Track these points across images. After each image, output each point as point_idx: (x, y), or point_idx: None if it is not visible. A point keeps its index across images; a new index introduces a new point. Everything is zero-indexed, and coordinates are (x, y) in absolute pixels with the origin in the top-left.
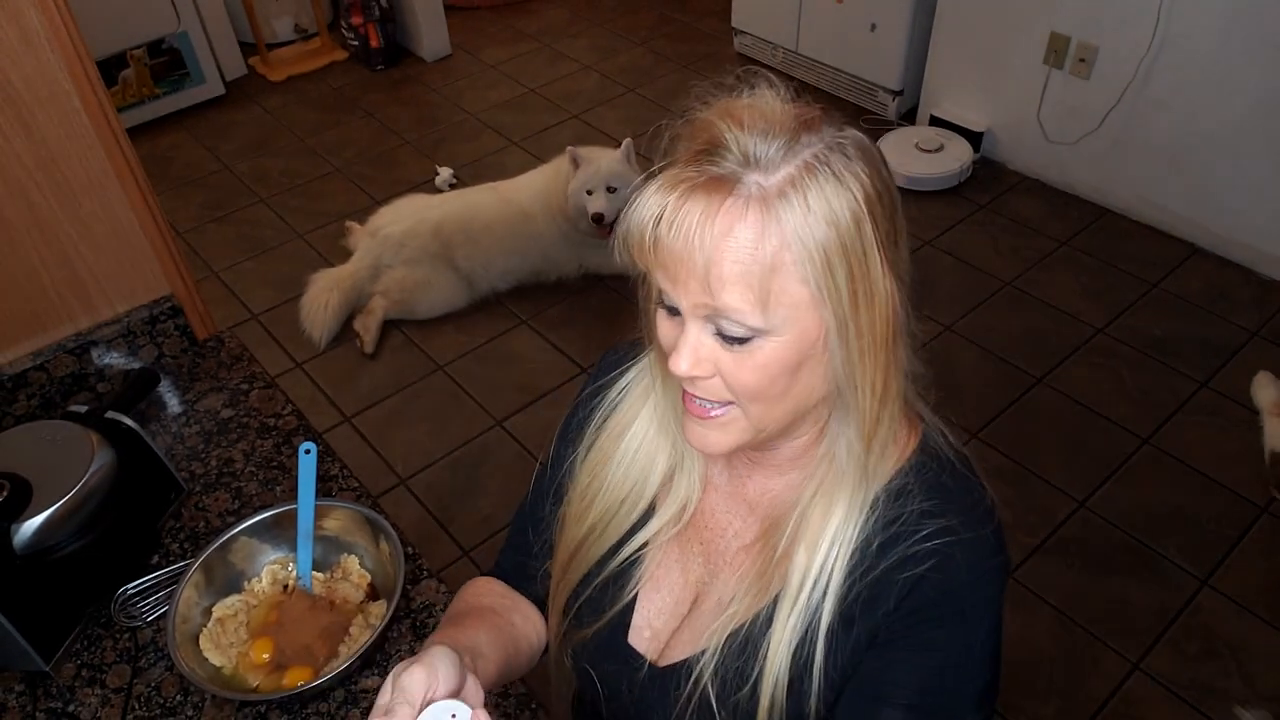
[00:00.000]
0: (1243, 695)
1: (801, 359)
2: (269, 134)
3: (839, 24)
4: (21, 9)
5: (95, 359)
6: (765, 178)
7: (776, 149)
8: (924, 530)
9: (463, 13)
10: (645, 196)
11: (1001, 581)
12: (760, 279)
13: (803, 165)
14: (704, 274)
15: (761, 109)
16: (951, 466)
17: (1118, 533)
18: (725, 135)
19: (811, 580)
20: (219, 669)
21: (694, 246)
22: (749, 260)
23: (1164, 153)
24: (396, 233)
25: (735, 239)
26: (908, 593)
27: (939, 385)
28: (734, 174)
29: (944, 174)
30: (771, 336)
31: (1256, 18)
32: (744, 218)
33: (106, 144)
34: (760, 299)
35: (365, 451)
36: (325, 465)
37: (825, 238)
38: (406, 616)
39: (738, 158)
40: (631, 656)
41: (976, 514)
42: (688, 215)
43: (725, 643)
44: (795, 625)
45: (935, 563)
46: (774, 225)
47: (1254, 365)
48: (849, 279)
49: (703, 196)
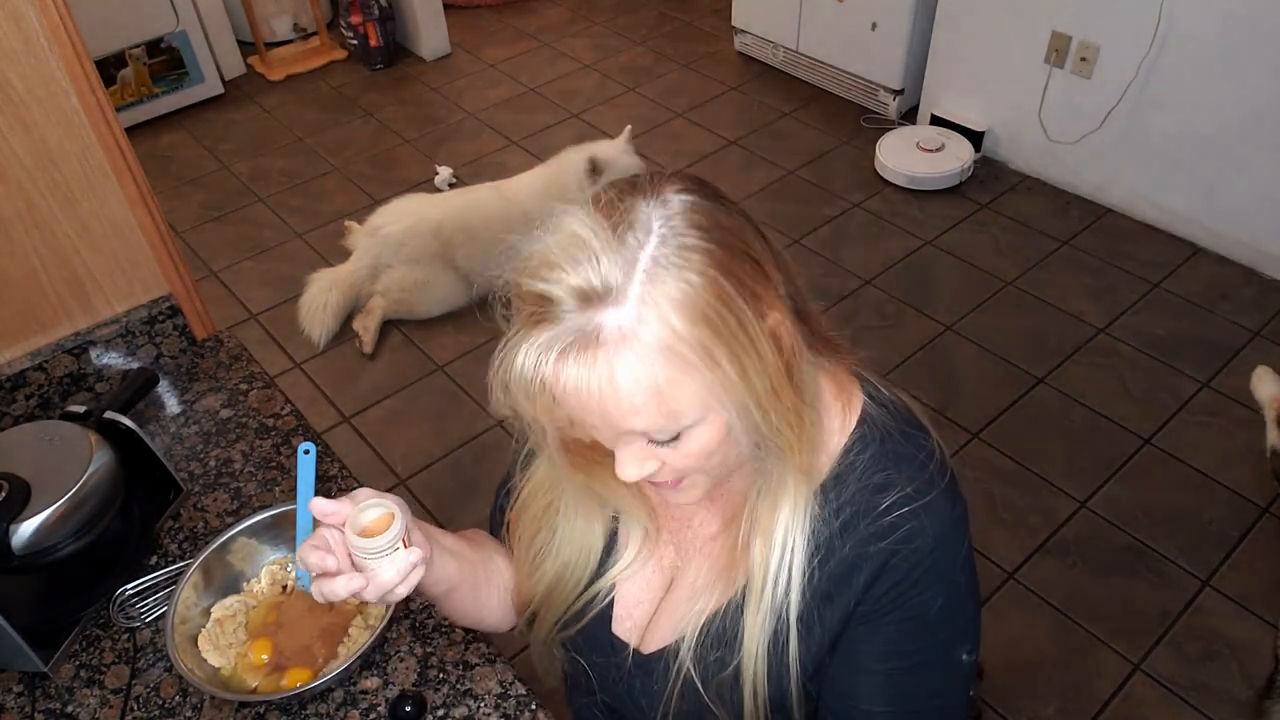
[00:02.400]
0: (1244, 696)
1: (733, 423)
2: (268, 133)
3: (840, 23)
4: (20, 8)
5: (94, 359)
6: (617, 310)
7: (610, 276)
8: (883, 503)
9: (462, 11)
10: (517, 370)
11: (965, 526)
12: (657, 404)
13: (645, 277)
14: (607, 418)
15: (575, 241)
16: (892, 427)
17: (1119, 533)
18: (552, 290)
19: (773, 574)
20: (218, 670)
21: (586, 404)
22: (641, 394)
23: (1165, 152)
24: (396, 232)
25: (620, 384)
26: (882, 567)
27: (940, 385)
28: (589, 325)
29: (945, 173)
30: (693, 428)
31: (1257, 17)
32: (621, 362)
33: (105, 143)
34: (667, 415)
35: (365, 452)
36: (325, 465)
37: (697, 335)
38: (406, 617)
39: (579, 303)
40: (617, 646)
41: (927, 473)
42: (568, 381)
43: (701, 630)
44: (765, 617)
45: (903, 534)
46: (647, 355)
47: (1255, 365)
48: (731, 356)
49: (574, 359)
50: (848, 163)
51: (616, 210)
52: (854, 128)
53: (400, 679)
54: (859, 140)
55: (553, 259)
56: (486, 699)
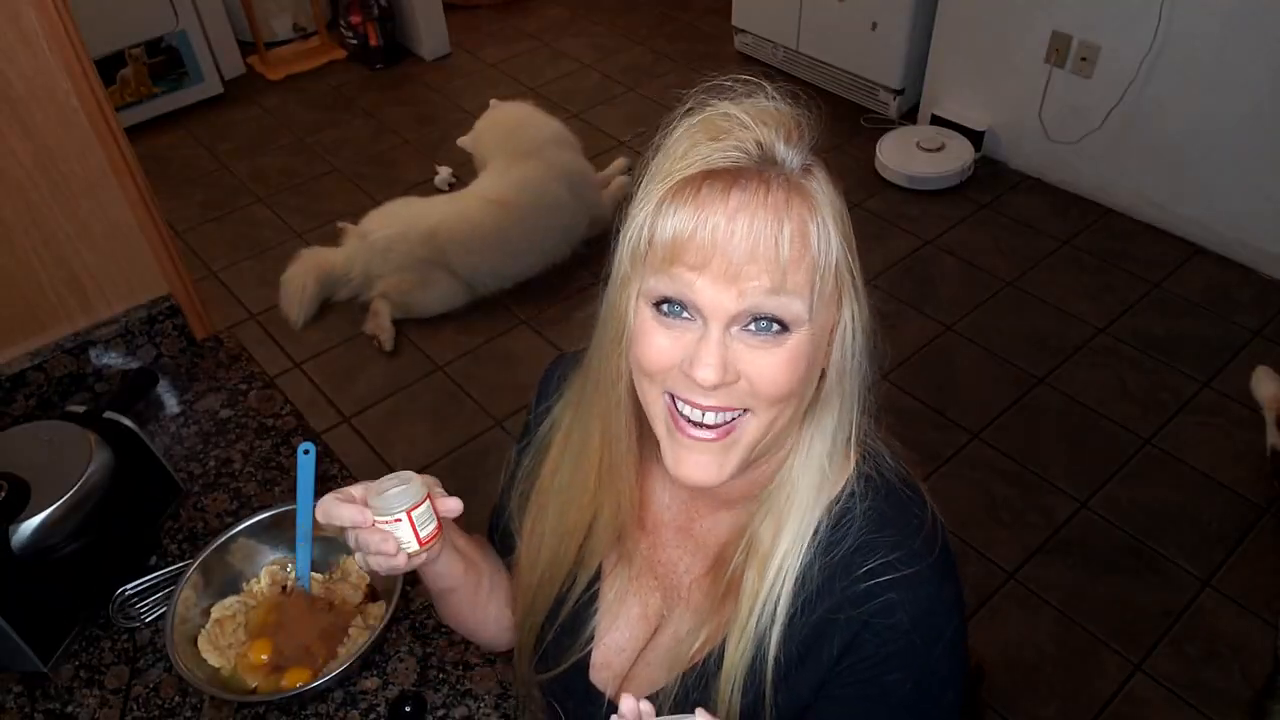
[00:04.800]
0: (1244, 696)
1: (817, 354)
2: (267, 133)
3: (840, 22)
4: (20, 8)
5: (93, 359)
6: (788, 171)
7: (787, 147)
8: (864, 566)
9: (462, 11)
10: (667, 200)
11: (949, 610)
12: (815, 263)
13: (807, 166)
14: (761, 261)
15: (765, 110)
16: (888, 491)
17: (1119, 533)
18: (745, 129)
19: (760, 604)
20: (217, 670)
21: (755, 237)
22: (807, 245)
23: (1166, 152)
24: (382, 239)
25: (795, 224)
26: (853, 640)
27: (940, 385)
28: (763, 166)
29: (945, 173)
30: (805, 327)
31: (1258, 17)
32: (795, 204)
33: (104, 143)
34: (813, 285)
35: (365, 452)
36: (324, 465)
37: (844, 233)
38: (405, 618)
39: (759, 152)
40: (593, 695)
41: (914, 545)
42: (743, 208)
43: (682, 679)
44: (745, 654)
45: (878, 605)
46: (819, 213)
47: (1255, 365)
48: (854, 274)
49: (749, 187)
50: (848, 162)
51: (797, 116)
52: (854, 127)
53: (400, 679)
54: (859, 140)
55: (743, 112)
56: (486, 699)
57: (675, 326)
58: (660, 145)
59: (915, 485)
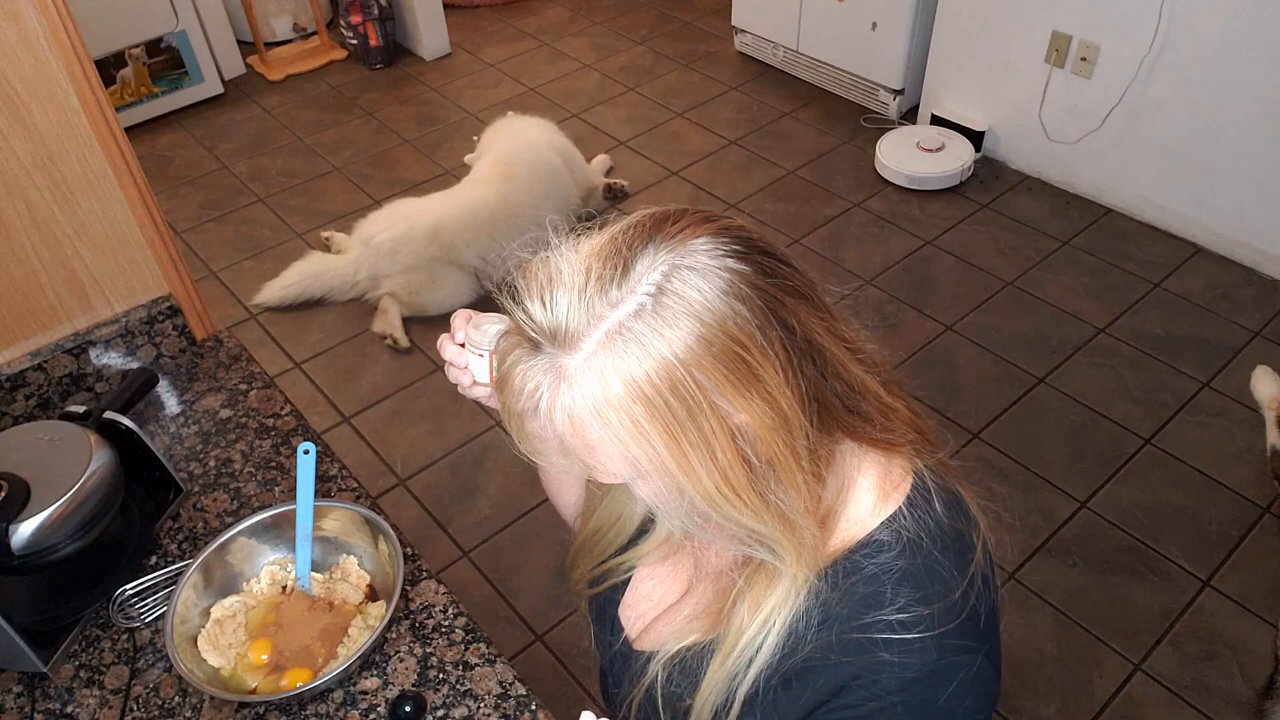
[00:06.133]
0: (1244, 697)
1: (678, 492)
2: (268, 133)
3: (840, 22)
4: (20, 8)
5: (93, 359)
6: (568, 356)
7: (576, 321)
8: (865, 619)
9: (462, 11)
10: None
11: (950, 685)
12: (586, 453)
13: (603, 337)
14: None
15: (558, 274)
16: (923, 548)
17: (1119, 533)
18: (521, 315)
19: (742, 646)
20: (217, 670)
21: (534, 421)
22: (569, 436)
23: (1166, 152)
24: (387, 240)
25: (553, 418)
26: (838, 689)
27: (940, 385)
28: (539, 349)
29: (945, 173)
30: (636, 481)
31: (1258, 17)
32: (555, 400)
33: (105, 143)
34: (597, 465)
35: (364, 452)
36: (324, 466)
37: (630, 412)
38: (405, 617)
39: (542, 332)
40: (616, 627)
41: (929, 609)
42: (514, 396)
43: (674, 656)
44: (719, 684)
45: (870, 661)
46: (578, 404)
47: (1256, 365)
48: (669, 440)
49: (521, 371)
50: (848, 163)
51: (618, 255)
52: (854, 127)
53: (400, 679)
54: (859, 140)
55: (534, 283)
56: (486, 699)
57: None
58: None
59: (963, 546)
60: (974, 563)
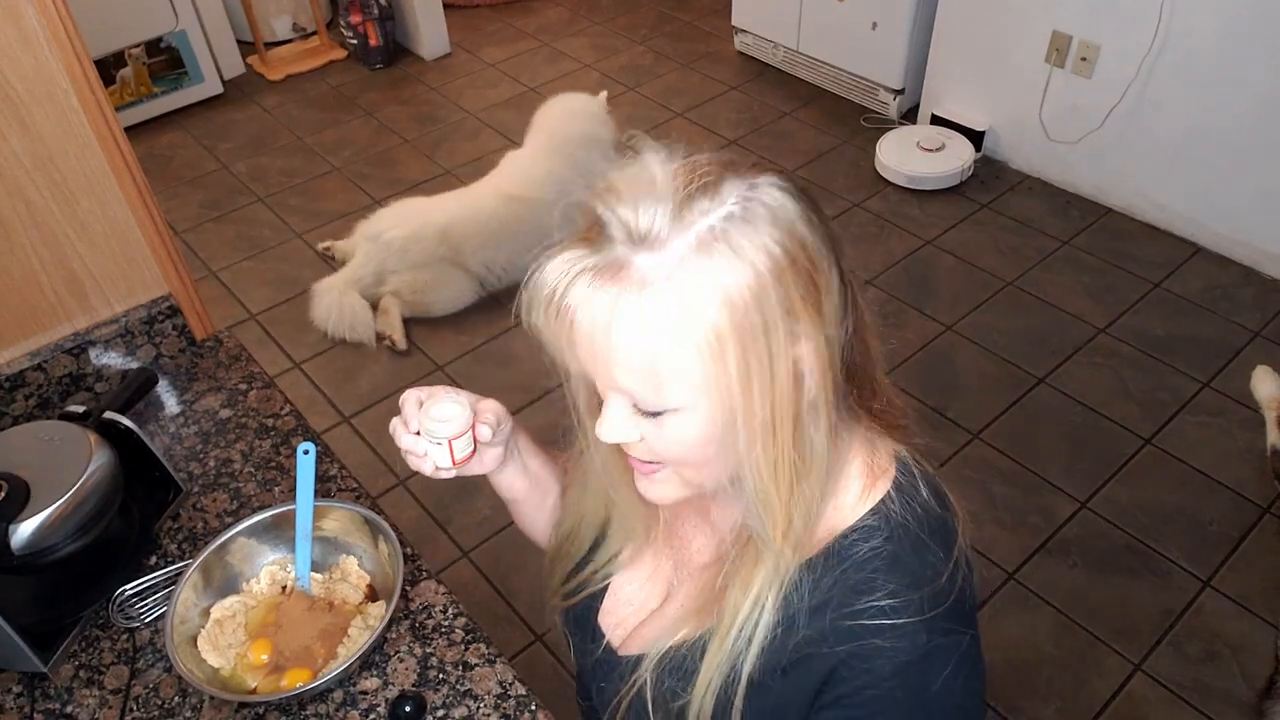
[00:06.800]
0: (1244, 697)
1: (717, 431)
2: (267, 133)
3: (840, 22)
4: (19, 8)
5: (93, 359)
6: (652, 257)
7: (661, 224)
8: (856, 604)
9: (462, 11)
10: (542, 277)
11: (944, 667)
12: (648, 367)
13: (694, 241)
14: (599, 360)
15: (645, 179)
16: (907, 532)
17: (1119, 533)
18: (605, 215)
19: (739, 625)
20: (217, 670)
21: (586, 334)
22: (635, 348)
23: (1166, 152)
24: (399, 238)
25: (620, 327)
26: (829, 675)
27: (940, 385)
28: (620, 258)
29: (945, 173)
30: (678, 413)
31: (1258, 16)
32: (628, 305)
33: (104, 143)
34: (653, 385)
35: (364, 452)
36: (324, 466)
37: (713, 321)
38: (405, 618)
39: (623, 237)
40: (596, 635)
41: (919, 594)
42: (576, 304)
43: (665, 654)
44: (721, 666)
45: (860, 647)
46: (659, 313)
47: (1256, 365)
48: (741, 359)
49: (588, 284)
50: (848, 162)
51: (700, 172)
52: (854, 127)
53: (400, 679)
54: (859, 140)
55: (618, 187)
56: (486, 699)
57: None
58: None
59: (948, 532)
60: (958, 547)
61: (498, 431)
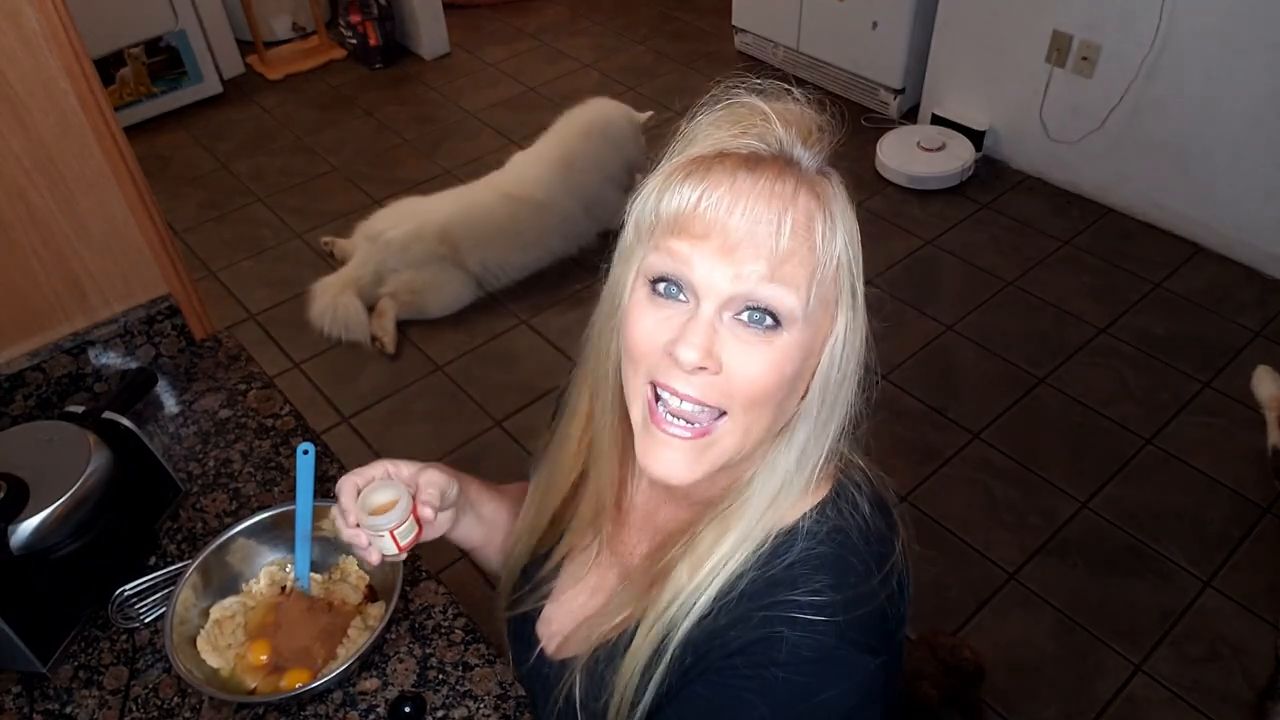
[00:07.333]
0: (1245, 697)
1: (804, 365)
2: (267, 133)
3: (840, 22)
4: (19, 7)
5: (92, 359)
6: (803, 170)
7: (805, 148)
8: (774, 597)
9: (462, 11)
10: (676, 172)
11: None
12: (817, 261)
13: (824, 173)
14: (761, 244)
15: (789, 110)
16: (842, 539)
17: (1120, 533)
18: (767, 121)
19: (682, 598)
20: (216, 671)
21: (756, 218)
22: (810, 239)
23: (1167, 151)
24: (399, 237)
25: (798, 213)
26: (731, 653)
27: (940, 385)
28: (781, 158)
29: (946, 173)
30: (797, 327)
31: (1259, 16)
32: (803, 199)
33: (104, 143)
34: (811, 282)
35: (364, 452)
36: (324, 466)
37: (851, 241)
38: (405, 618)
39: (777, 146)
40: (531, 641)
41: (832, 599)
42: (750, 188)
43: (595, 650)
44: (652, 640)
45: (765, 633)
46: (828, 215)
47: (1256, 365)
48: (854, 292)
49: (761, 172)
50: (848, 162)
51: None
52: (854, 127)
53: (399, 680)
54: (859, 140)
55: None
56: (486, 700)
57: (667, 307)
58: (681, 130)
59: (885, 545)
60: (893, 565)
61: (443, 503)
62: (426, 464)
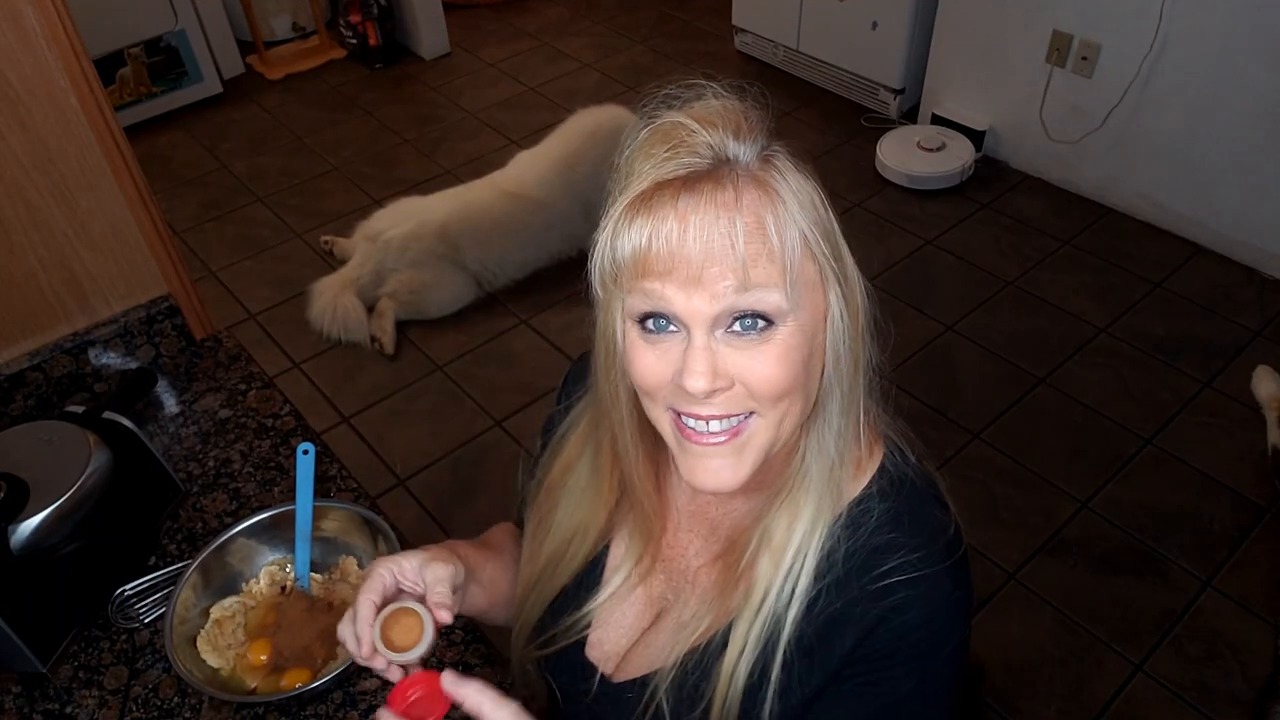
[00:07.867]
0: (1245, 697)
1: (811, 345)
2: (267, 133)
3: (840, 22)
4: (19, 7)
5: (92, 359)
6: (742, 166)
7: (738, 142)
8: (883, 565)
9: (462, 11)
10: (622, 217)
11: (959, 617)
12: (782, 253)
13: (765, 156)
14: (728, 262)
15: (711, 110)
16: (912, 491)
17: (1120, 533)
18: (692, 134)
19: (775, 590)
20: (216, 670)
21: (708, 238)
22: (765, 237)
23: (1167, 151)
24: (398, 236)
25: (749, 219)
26: (866, 635)
27: (940, 385)
28: (715, 167)
29: (946, 173)
30: (789, 319)
31: (1259, 16)
32: (748, 199)
33: (104, 143)
34: (784, 274)
35: (364, 452)
36: (323, 466)
37: (813, 217)
38: None
39: (710, 154)
40: (586, 669)
41: (935, 547)
42: (693, 211)
43: (683, 661)
44: (756, 638)
45: (895, 602)
46: (777, 203)
47: (1256, 365)
48: (836, 257)
49: (700, 189)
50: (848, 162)
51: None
52: (854, 127)
53: None
54: (859, 140)
55: (696, 112)
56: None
57: (662, 341)
58: (617, 167)
59: (938, 487)
60: (950, 508)
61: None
62: (423, 550)
